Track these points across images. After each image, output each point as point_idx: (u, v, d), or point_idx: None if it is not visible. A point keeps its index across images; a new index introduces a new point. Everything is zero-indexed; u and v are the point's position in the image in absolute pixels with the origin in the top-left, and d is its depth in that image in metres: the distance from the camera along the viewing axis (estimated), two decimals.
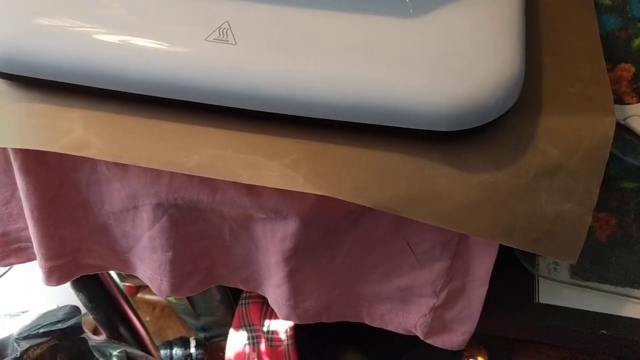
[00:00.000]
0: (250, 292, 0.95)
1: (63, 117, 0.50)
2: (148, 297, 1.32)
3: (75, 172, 0.55)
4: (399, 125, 0.47)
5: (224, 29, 0.48)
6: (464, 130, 0.47)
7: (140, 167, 0.49)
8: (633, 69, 0.76)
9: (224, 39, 0.47)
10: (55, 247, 0.58)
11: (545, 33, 0.58)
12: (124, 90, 0.49)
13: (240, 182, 0.47)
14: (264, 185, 0.46)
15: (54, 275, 0.60)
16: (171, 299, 1.21)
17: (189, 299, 1.17)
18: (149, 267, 0.58)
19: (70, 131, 0.49)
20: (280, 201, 0.50)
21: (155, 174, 0.51)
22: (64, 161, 0.53)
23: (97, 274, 0.84)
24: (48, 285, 0.61)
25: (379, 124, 0.47)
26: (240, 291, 0.99)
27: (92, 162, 0.53)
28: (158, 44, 0.48)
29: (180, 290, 0.59)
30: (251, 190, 0.50)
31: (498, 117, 0.48)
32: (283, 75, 0.46)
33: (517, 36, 0.48)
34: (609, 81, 0.54)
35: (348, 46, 0.47)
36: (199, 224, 0.55)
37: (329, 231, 0.53)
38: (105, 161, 0.52)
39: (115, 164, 0.52)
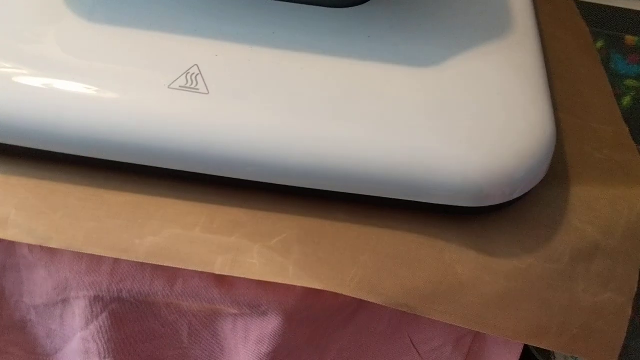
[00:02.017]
0: None
1: None
2: None
3: None
4: (413, 199, 0.38)
5: (193, 74, 0.37)
6: (490, 207, 0.38)
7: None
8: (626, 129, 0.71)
9: (192, 86, 0.37)
10: None
11: (556, 87, 0.51)
12: (56, 151, 0.37)
13: (211, 272, 0.36)
14: (243, 276, 0.36)
15: None
16: None
17: None
18: None
19: None
20: (259, 293, 0.39)
21: (93, 259, 0.40)
22: None
23: None
24: None
25: (390, 197, 0.38)
26: None
27: (9, 242, 0.41)
28: (104, 90, 0.37)
29: None
30: (222, 279, 0.39)
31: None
32: (268, 134, 0.36)
33: (546, 97, 0.41)
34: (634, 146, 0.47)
35: (352, 102, 0.38)
36: (149, 322, 0.43)
37: (318, 330, 0.42)
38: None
39: (42, 246, 0.40)
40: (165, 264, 0.36)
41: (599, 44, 0.79)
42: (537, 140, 0.38)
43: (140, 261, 0.36)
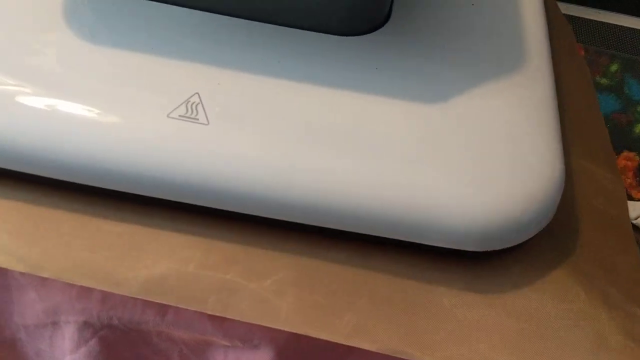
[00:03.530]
0: None
1: None
2: None
3: None
4: (414, 241, 0.37)
5: (193, 103, 0.36)
6: (495, 251, 0.37)
7: None
8: (638, 159, 0.69)
9: (192, 116, 0.36)
10: None
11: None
12: (49, 176, 0.36)
13: (202, 311, 0.35)
14: (235, 318, 0.35)
15: None
16: None
17: None
18: None
19: None
20: (251, 328, 0.38)
21: (85, 286, 0.39)
22: None
23: None
24: None
25: (390, 237, 0.37)
26: None
27: None
28: (102, 115, 0.36)
29: None
30: None
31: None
32: (269, 169, 0.35)
33: (556, 138, 0.39)
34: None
35: (355, 137, 0.36)
36: (140, 349, 0.42)
37: None
38: None
39: None
40: (157, 300, 0.35)
41: (614, 68, 0.77)
42: (546, 182, 0.37)
43: (133, 296, 0.35)
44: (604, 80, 0.74)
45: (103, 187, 0.36)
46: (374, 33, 0.41)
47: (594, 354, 0.36)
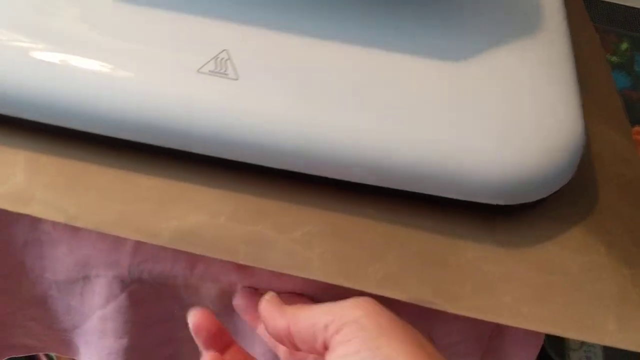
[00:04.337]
0: None
1: (2, 159, 0.38)
2: None
3: (8, 227, 0.42)
4: (442, 195, 0.38)
5: (222, 59, 0.37)
6: (520, 205, 0.38)
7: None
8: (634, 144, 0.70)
9: (221, 71, 0.37)
10: None
11: None
12: (87, 130, 0.37)
13: (233, 261, 0.36)
14: (266, 268, 0.36)
15: None
16: None
17: None
18: (95, 353, 0.45)
19: (9, 178, 0.37)
20: (279, 280, 0.39)
21: (116, 238, 0.39)
22: None
23: (29, 356, 0.68)
24: None
25: (418, 191, 0.37)
26: None
27: (32, 218, 0.41)
28: (133, 72, 0.37)
29: None
30: (242, 265, 0.39)
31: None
32: (299, 123, 0.36)
33: (576, 95, 0.40)
34: None
35: (383, 93, 0.37)
36: (167, 304, 0.43)
37: None
38: None
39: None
40: (189, 250, 0.36)
41: (624, 46, 0.78)
42: (569, 137, 0.38)
43: (166, 245, 0.36)
44: (614, 58, 0.75)
45: (137, 140, 0.37)
46: None
47: (618, 306, 0.37)
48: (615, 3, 0.86)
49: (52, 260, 0.42)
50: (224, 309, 0.43)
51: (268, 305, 0.35)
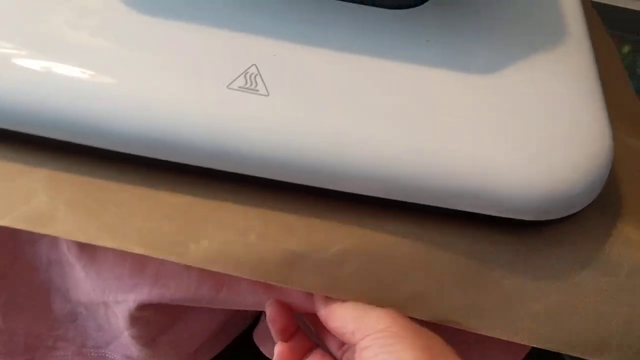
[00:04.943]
0: None
1: (23, 179, 0.36)
2: None
3: (33, 246, 0.40)
4: (469, 210, 0.37)
5: (251, 74, 0.36)
6: (547, 221, 0.38)
7: (115, 252, 0.36)
8: None
9: (252, 87, 0.36)
10: (4, 345, 0.43)
11: None
12: (110, 149, 0.36)
13: (265, 281, 0.35)
14: (298, 288, 0.35)
15: None
16: None
17: None
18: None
19: (30, 198, 0.36)
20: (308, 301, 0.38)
21: (137, 261, 0.38)
22: (17, 230, 0.39)
23: None
24: None
25: (446, 206, 0.37)
26: None
27: (53, 237, 0.39)
28: (160, 89, 0.35)
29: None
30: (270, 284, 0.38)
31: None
32: (330, 140, 0.35)
33: (603, 109, 0.40)
34: None
35: (413, 109, 0.36)
36: (190, 321, 0.42)
37: None
38: (66, 240, 0.39)
39: (80, 245, 0.38)
40: (218, 270, 0.35)
41: (626, 49, 0.78)
42: (599, 151, 0.37)
43: (197, 266, 0.35)
44: None
45: (163, 158, 0.36)
46: (421, 6, 0.41)
47: (629, 326, 0.37)
48: (616, 6, 0.86)
49: (73, 280, 0.41)
50: None
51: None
